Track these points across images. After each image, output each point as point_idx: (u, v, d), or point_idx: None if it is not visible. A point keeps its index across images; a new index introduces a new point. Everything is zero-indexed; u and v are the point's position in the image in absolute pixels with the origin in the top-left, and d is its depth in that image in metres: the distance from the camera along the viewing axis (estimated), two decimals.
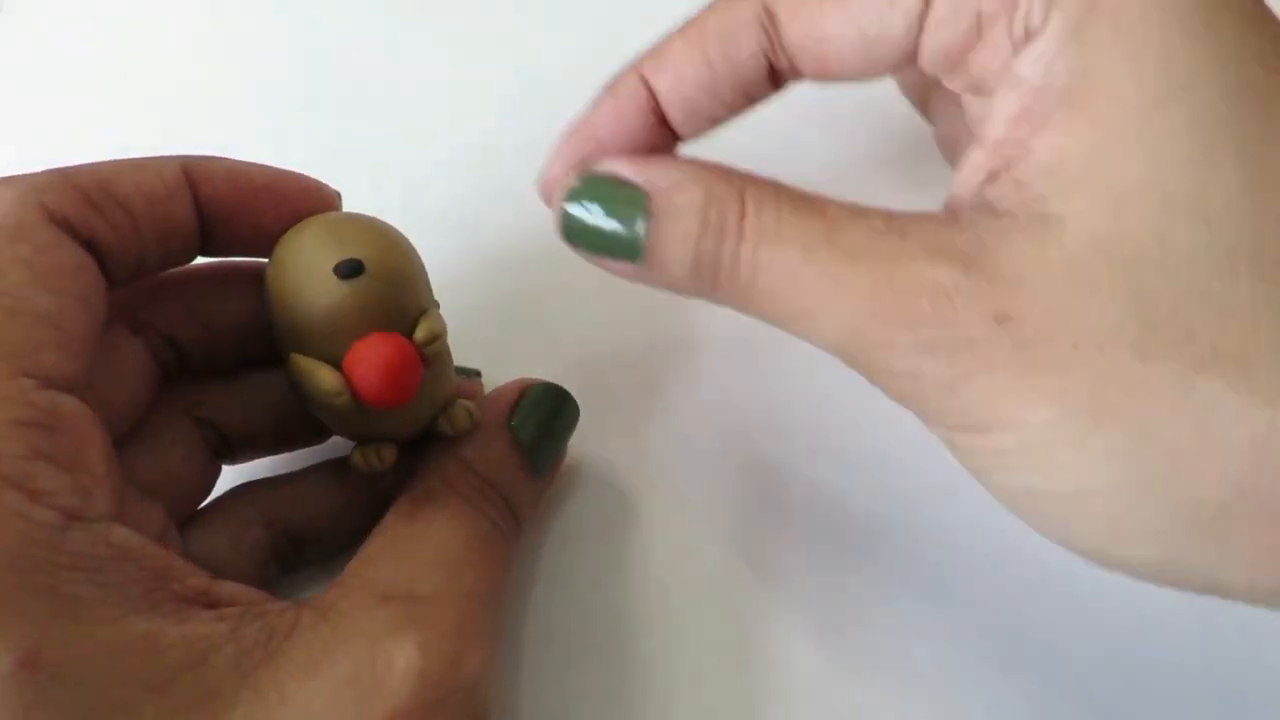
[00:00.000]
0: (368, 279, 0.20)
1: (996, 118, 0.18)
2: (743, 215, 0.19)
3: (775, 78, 0.21)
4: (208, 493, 0.23)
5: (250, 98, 0.32)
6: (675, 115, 0.21)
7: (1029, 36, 0.18)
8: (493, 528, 0.22)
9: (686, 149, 0.22)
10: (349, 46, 0.33)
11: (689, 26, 0.21)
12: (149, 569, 0.18)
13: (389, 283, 0.20)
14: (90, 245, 0.19)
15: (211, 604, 0.18)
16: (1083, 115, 0.17)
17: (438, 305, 0.22)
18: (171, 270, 0.22)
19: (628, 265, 0.20)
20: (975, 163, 0.18)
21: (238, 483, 0.24)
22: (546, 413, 0.24)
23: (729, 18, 0.20)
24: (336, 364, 0.20)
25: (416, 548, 0.20)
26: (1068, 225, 0.17)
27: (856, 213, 0.19)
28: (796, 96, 0.22)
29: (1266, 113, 0.16)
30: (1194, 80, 0.17)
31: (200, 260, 0.22)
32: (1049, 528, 0.18)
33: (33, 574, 0.16)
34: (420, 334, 0.20)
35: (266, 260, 0.21)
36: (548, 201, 0.21)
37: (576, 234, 0.20)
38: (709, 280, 0.20)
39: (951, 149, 0.25)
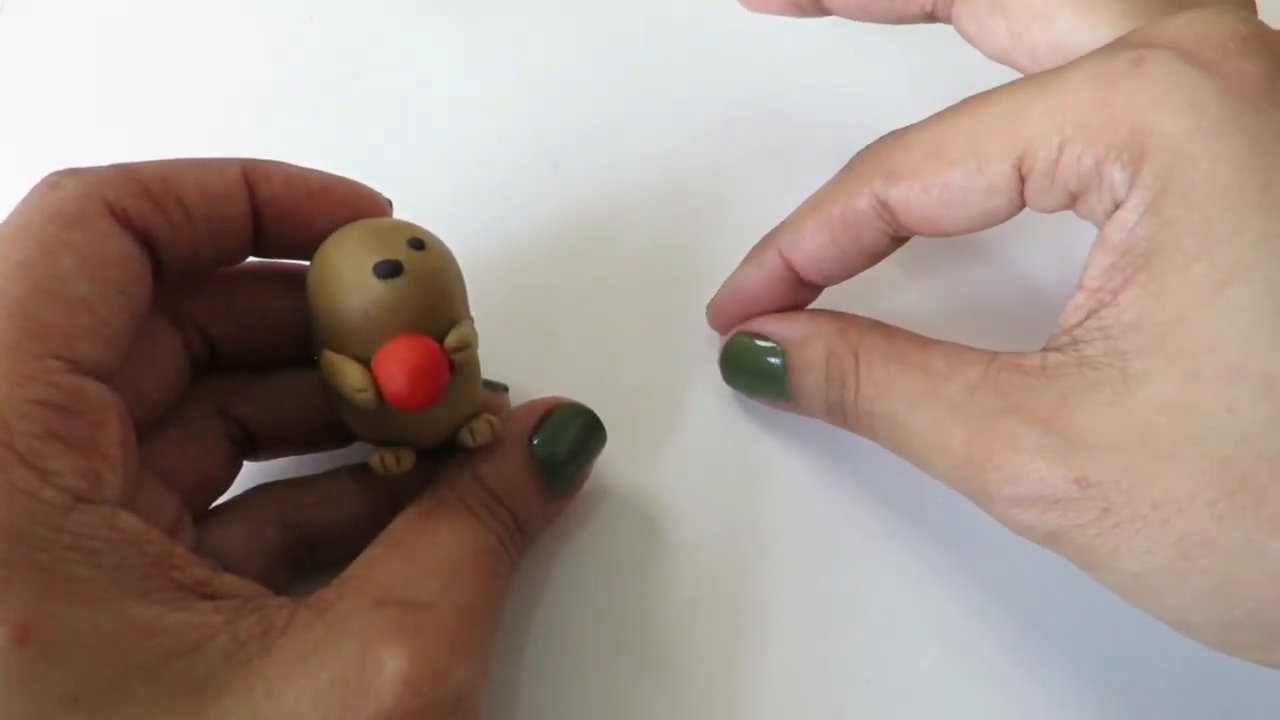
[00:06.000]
0: (405, 281, 0.20)
1: (1092, 268, 0.20)
2: (857, 371, 0.23)
3: (896, 239, 0.24)
4: (226, 487, 0.24)
5: (253, 98, 0.33)
6: (811, 279, 0.25)
7: (1116, 205, 0.20)
8: (497, 544, 0.22)
9: None
10: (354, 46, 0.34)
11: (814, 210, 0.24)
12: (150, 555, 0.18)
13: (426, 287, 0.20)
14: (145, 238, 0.20)
15: (210, 595, 0.18)
16: (1159, 284, 0.19)
17: (472, 320, 0.22)
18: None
19: (783, 402, 0.26)
20: (1076, 303, 0.20)
21: (260, 481, 0.24)
22: (572, 435, 0.24)
23: (849, 208, 0.23)
24: (367, 363, 0.20)
25: (418, 555, 0.20)
26: (1145, 387, 0.19)
27: (956, 364, 0.22)
28: None
29: None
30: (1258, 258, 0.18)
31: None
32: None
33: (33, 551, 0.16)
34: (451, 340, 0.20)
35: (308, 263, 0.21)
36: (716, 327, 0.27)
37: (735, 383, 0.27)
38: (840, 419, 0.24)
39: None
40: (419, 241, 0.21)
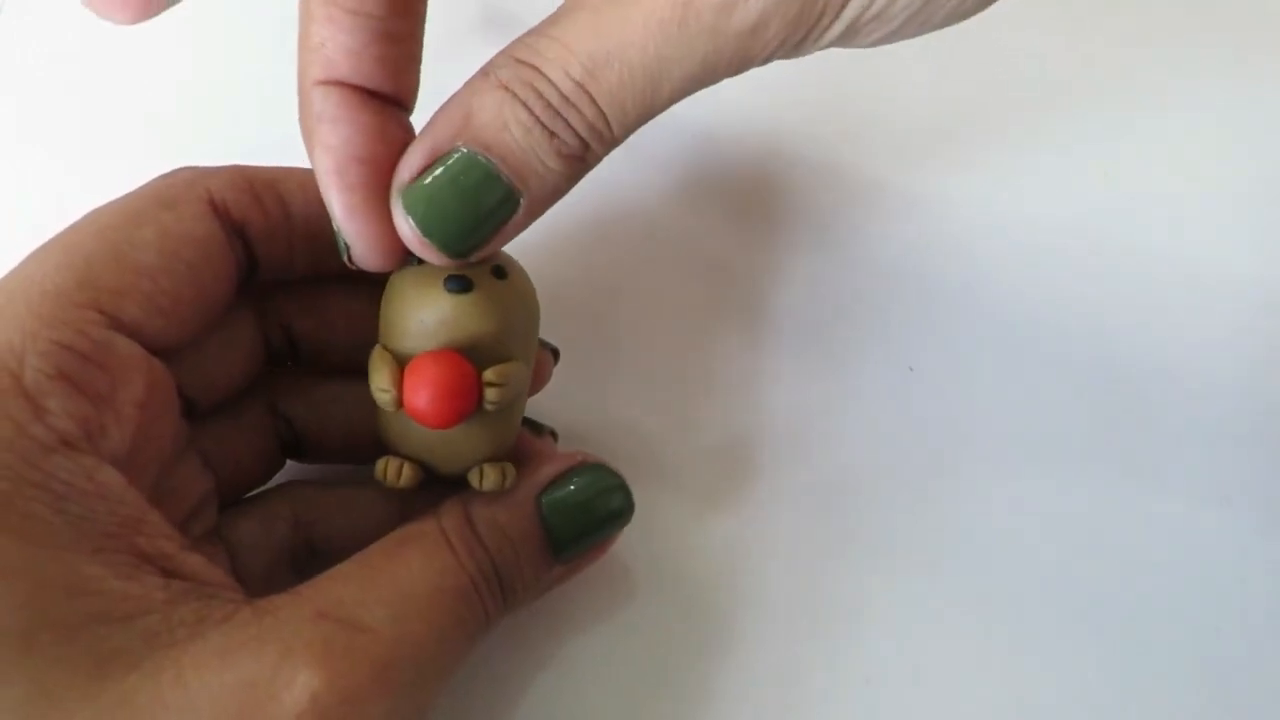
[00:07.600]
0: (471, 300, 0.20)
1: None
2: (536, 51, 0.18)
3: None
4: (263, 481, 0.24)
5: (253, 98, 0.32)
6: (380, 85, 0.19)
7: None
8: (469, 587, 0.20)
9: None
10: None
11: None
12: (120, 516, 0.18)
13: (490, 314, 0.20)
14: (240, 231, 0.21)
15: (170, 572, 0.18)
16: None
17: (527, 365, 0.21)
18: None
19: (515, 218, 0.19)
20: None
21: (289, 478, 0.24)
22: (591, 500, 0.22)
23: None
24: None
25: (379, 578, 0.20)
26: None
27: None
28: None
29: None
30: None
31: None
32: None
33: None
34: (490, 374, 0.20)
35: None
36: (366, 248, 0.20)
37: (463, 236, 0.19)
38: (572, 125, 0.18)
39: None
40: (502, 270, 0.21)
